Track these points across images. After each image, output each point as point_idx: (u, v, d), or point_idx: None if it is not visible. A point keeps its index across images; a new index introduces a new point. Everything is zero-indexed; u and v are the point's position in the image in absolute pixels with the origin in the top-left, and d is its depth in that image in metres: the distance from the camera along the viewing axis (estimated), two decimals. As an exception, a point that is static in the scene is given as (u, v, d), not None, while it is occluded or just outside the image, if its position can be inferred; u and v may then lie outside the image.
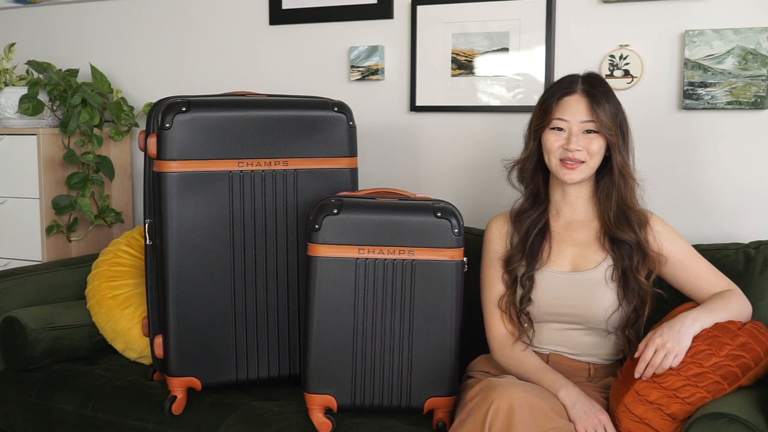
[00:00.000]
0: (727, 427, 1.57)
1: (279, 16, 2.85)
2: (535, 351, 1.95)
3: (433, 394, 2.01)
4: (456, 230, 1.97)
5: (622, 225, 1.89)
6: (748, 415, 1.58)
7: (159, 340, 2.16)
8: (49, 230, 2.83)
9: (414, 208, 2.00)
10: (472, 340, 2.12)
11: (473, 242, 2.40)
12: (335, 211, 1.96)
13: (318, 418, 1.98)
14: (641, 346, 1.74)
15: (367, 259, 1.97)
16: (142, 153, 2.36)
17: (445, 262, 1.97)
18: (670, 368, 1.72)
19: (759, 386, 1.76)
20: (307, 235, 2.02)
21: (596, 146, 1.86)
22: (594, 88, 1.87)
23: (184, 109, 2.08)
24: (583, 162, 1.87)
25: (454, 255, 1.97)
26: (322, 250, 1.96)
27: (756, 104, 2.19)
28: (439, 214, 1.97)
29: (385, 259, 1.97)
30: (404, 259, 1.97)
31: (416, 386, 2.00)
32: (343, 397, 1.99)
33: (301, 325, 2.18)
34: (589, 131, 1.87)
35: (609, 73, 2.35)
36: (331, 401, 1.99)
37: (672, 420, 1.72)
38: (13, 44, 2.98)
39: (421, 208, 1.99)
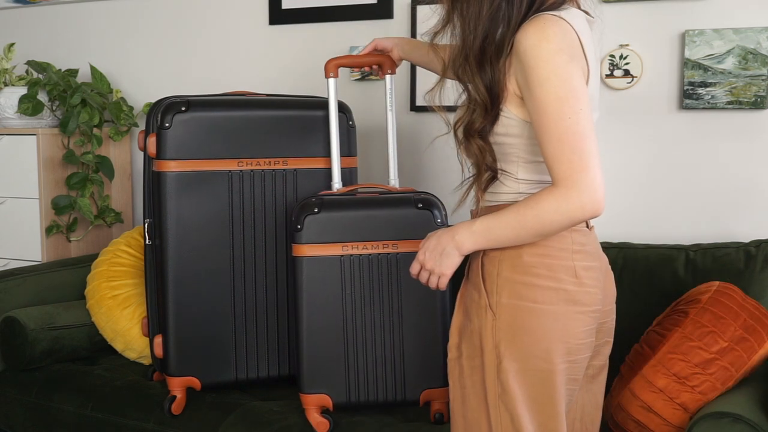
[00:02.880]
0: (731, 426, 1.57)
1: (279, 16, 2.85)
2: None
3: (428, 386, 2.01)
4: (439, 220, 1.98)
5: None
6: (752, 415, 1.58)
7: (158, 339, 2.16)
8: (49, 230, 2.83)
9: (395, 201, 2.00)
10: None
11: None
12: (316, 210, 1.97)
13: (315, 418, 1.98)
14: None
15: (351, 255, 1.97)
16: (142, 153, 2.36)
17: None
18: (660, 353, 1.73)
19: (763, 381, 1.77)
20: (290, 236, 2.03)
21: None
22: None
23: (183, 108, 2.08)
24: None
25: None
26: (306, 250, 1.97)
27: (756, 104, 2.19)
28: (420, 206, 1.98)
29: (370, 255, 1.98)
30: (388, 253, 1.98)
31: (410, 379, 2.01)
32: (338, 396, 2.00)
33: (292, 327, 2.18)
34: None
35: (609, 72, 2.35)
36: (326, 400, 1.99)
37: (684, 410, 1.72)
38: (12, 44, 2.98)
39: (401, 201, 2.00)
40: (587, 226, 1.50)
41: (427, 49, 1.99)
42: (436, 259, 1.48)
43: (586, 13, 1.48)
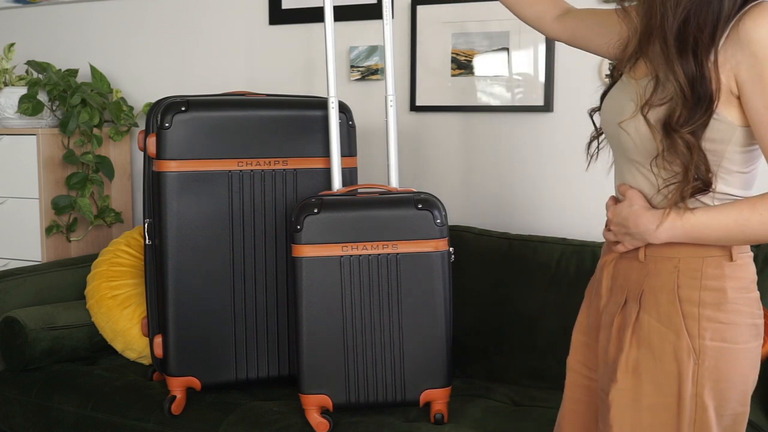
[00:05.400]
0: (730, 426, 1.57)
1: (279, 16, 2.85)
2: None
3: (429, 386, 2.01)
4: (438, 221, 1.98)
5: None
6: (752, 415, 1.59)
7: (158, 339, 2.16)
8: (49, 230, 2.83)
9: (394, 201, 2.00)
10: (465, 329, 2.12)
11: (473, 241, 2.41)
12: (316, 211, 1.97)
13: (315, 418, 1.98)
14: (625, 191, 1.38)
15: (351, 256, 1.98)
16: (142, 153, 2.36)
17: (429, 254, 1.98)
18: None
19: (763, 381, 1.77)
20: (290, 236, 2.03)
21: None
22: None
23: (183, 108, 2.08)
24: None
25: (439, 245, 1.98)
26: (305, 251, 1.97)
27: (756, 104, 2.19)
28: (420, 206, 1.98)
29: (369, 255, 1.98)
30: (388, 254, 1.98)
31: (410, 380, 2.01)
32: (338, 396, 2.00)
33: (292, 327, 2.18)
34: None
35: (609, 72, 2.34)
36: (326, 401, 1.99)
37: None
38: (12, 44, 2.98)
39: (401, 202, 2.00)
40: None
41: None
42: (621, 231, 1.34)
43: None
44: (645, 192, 1.34)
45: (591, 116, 1.50)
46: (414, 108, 2.66)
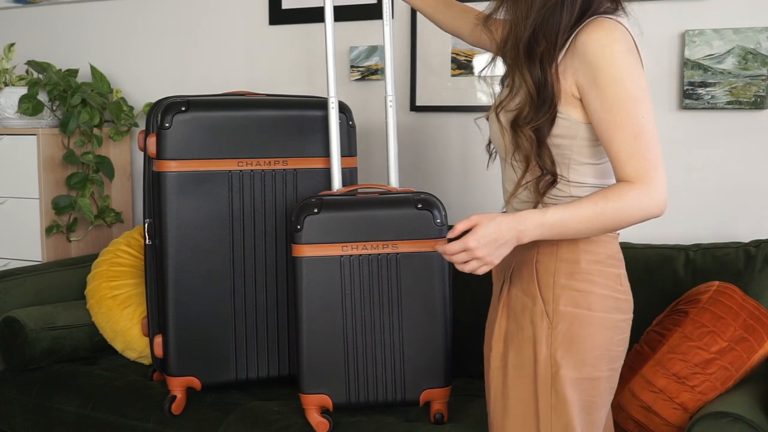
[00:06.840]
0: (731, 426, 1.57)
1: (279, 16, 2.85)
2: None
3: (428, 386, 2.01)
4: (438, 221, 1.98)
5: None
6: (752, 415, 1.59)
7: (158, 339, 2.16)
8: (49, 230, 2.83)
9: (394, 201, 2.01)
10: (465, 329, 2.12)
11: (473, 242, 2.40)
12: (316, 211, 1.97)
13: (315, 418, 1.98)
14: (457, 226, 1.37)
15: (351, 256, 1.98)
16: (142, 153, 2.36)
17: (430, 254, 1.98)
18: (666, 350, 1.73)
19: (763, 381, 1.77)
20: (290, 236, 2.03)
21: None
22: None
23: (183, 108, 2.08)
24: None
25: None
26: (305, 250, 1.97)
27: (756, 104, 2.19)
28: (419, 206, 1.98)
29: (369, 255, 1.98)
30: (388, 254, 1.98)
31: (410, 379, 2.01)
32: (338, 396, 2.00)
33: (292, 327, 2.18)
34: None
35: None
36: (326, 400, 1.99)
37: (683, 410, 1.72)
38: (13, 44, 2.98)
39: (401, 202, 2.00)
40: None
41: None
42: (492, 249, 1.34)
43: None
44: (510, 189, 1.49)
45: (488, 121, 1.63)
46: (414, 108, 2.66)
